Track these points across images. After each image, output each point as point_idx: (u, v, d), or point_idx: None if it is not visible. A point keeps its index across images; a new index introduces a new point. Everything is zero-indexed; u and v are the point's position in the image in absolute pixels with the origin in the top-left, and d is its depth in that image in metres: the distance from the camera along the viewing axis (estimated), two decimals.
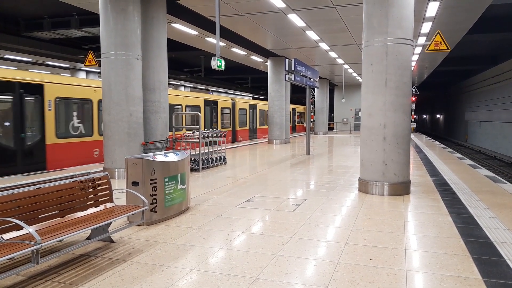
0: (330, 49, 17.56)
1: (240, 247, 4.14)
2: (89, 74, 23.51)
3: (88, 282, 3.27)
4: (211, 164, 10.32)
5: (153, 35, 9.58)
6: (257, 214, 5.52)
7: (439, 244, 4.19)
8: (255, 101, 25.70)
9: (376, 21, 6.64)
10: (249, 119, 24.22)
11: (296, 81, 12.42)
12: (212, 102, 19.57)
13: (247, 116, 23.77)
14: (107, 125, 8.49)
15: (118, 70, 8.32)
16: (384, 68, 6.62)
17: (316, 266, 3.61)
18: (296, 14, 11.53)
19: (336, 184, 7.94)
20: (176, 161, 5.30)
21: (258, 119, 25.70)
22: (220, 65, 8.08)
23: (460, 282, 3.27)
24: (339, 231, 4.72)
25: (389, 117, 6.66)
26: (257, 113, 25.55)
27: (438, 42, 7.70)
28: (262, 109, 26.28)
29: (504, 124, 25.13)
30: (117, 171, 8.45)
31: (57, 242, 4.16)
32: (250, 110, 24.25)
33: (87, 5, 10.55)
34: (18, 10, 13.72)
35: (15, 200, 3.38)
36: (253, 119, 24.81)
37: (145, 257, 3.85)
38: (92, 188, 4.26)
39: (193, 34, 13.75)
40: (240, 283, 3.26)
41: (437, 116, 60.28)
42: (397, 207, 5.93)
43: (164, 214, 5.12)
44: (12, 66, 20.88)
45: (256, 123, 25.34)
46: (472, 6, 10.69)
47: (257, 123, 25.47)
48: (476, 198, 6.50)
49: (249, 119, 24.22)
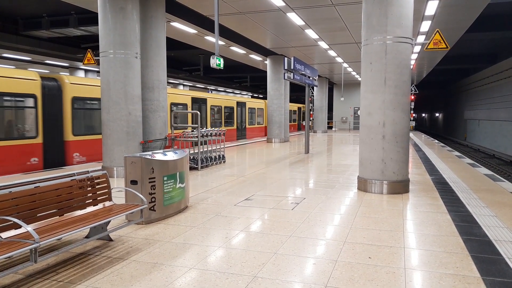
0: (329, 48, 17.55)
1: (239, 246, 4.13)
2: (87, 73, 23.50)
3: (87, 281, 3.27)
4: (210, 163, 10.32)
5: (152, 33, 9.56)
6: (256, 212, 5.52)
7: (438, 242, 4.20)
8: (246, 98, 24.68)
9: (375, 19, 6.63)
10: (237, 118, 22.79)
11: (295, 80, 12.41)
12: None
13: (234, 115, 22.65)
14: (106, 124, 8.47)
15: (117, 69, 8.30)
16: (383, 67, 6.61)
17: (315, 265, 3.61)
18: (295, 12, 11.52)
19: (335, 183, 7.94)
20: (175, 159, 5.29)
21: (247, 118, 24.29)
22: (219, 63, 8.07)
23: (459, 280, 3.27)
24: (338, 229, 4.72)
25: (388, 116, 6.66)
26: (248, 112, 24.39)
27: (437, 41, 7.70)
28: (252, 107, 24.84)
29: (503, 123, 25.15)
30: (116, 169, 8.44)
31: (56, 241, 4.15)
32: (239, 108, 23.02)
33: (86, 3, 10.52)
34: (17, 8, 13.69)
35: (14, 198, 3.37)
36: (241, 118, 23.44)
37: (144, 255, 3.85)
38: (90, 186, 4.25)
39: (192, 32, 13.73)
40: (239, 281, 3.26)
41: (436, 114, 60.34)
42: (396, 205, 5.93)
43: (163, 213, 5.12)
44: (11, 65, 20.86)
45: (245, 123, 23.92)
46: (471, 4, 10.68)
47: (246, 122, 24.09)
48: (475, 196, 6.51)
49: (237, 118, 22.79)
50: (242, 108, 23.38)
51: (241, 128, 23.29)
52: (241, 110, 23.33)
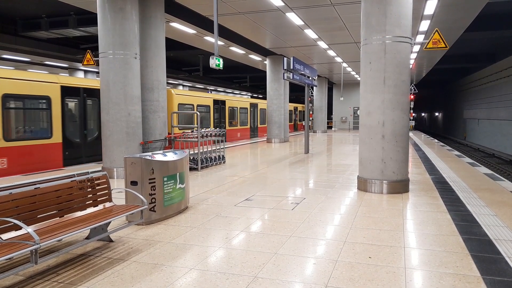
0: (328, 48, 17.55)
1: (239, 246, 4.14)
2: (87, 73, 23.50)
3: (87, 282, 3.27)
4: (210, 163, 10.32)
5: (151, 34, 9.56)
6: (256, 213, 5.52)
7: (438, 242, 4.20)
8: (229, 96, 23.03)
9: (375, 19, 6.63)
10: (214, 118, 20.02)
11: (295, 80, 12.41)
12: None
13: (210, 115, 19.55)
14: (105, 125, 8.47)
15: (116, 70, 8.30)
16: (382, 66, 6.62)
17: (315, 265, 3.61)
18: (294, 12, 11.52)
19: (335, 183, 7.95)
20: (175, 160, 5.29)
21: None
22: (219, 64, 8.07)
23: (459, 279, 3.27)
24: (338, 229, 4.73)
25: (388, 115, 6.66)
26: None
27: (436, 40, 7.71)
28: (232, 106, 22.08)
29: (502, 122, 25.17)
30: (116, 170, 8.44)
31: (56, 242, 4.15)
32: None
33: (85, 4, 10.52)
34: (16, 9, 13.68)
35: (14, 200, 3.37)
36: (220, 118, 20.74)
37: (144, 256, 3.85)
38: (90, 187, 4.25)
39: (191, 33, 13.72)
40: (239, 281, 3.26)
41: (435, 114, 60.36)
42: (396, 205, 5.94)
43: (163, 214, 5.12)
44: (10, 66, 20.84)
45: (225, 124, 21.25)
46: (470, 3, 10.69)
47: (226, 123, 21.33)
48: (475, 195, 6.51)
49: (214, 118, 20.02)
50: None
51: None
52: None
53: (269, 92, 19.39)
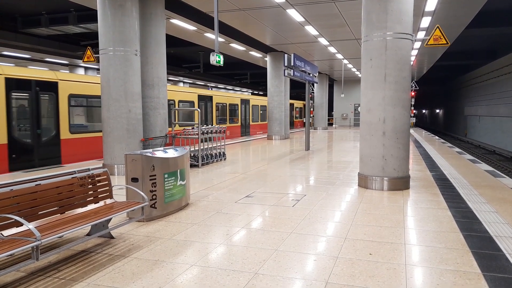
0: (329, 44, 17.51)
1: (240, 243, 4.14)
2: (87, 70, 23.47)
3: (88, 278, 3.28)
4: (210, 160, 10.32)
5: (151, 31, 9.54)
6: (256, 209, 5.53)
7: (438, 239, 4.20)
8: None
9: (375, 15, 6.61)
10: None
11: (295, 76, 12.40)
12: None
13: None
14: (106, 122, 8.46)
15: (116, 66, 8.29)
16: (383, 63, 6.60)
17: (316, 261, 3.62)
18: (295, 9, 11.49)
19: (335, 179, 7.95)
20: (175, 157, 5.29)
21: None
22: (219, 60, 8.06)
23: (460, 276, 3.28)
24: (338, 226, 4.73)
25: (389, 112, 6.65)
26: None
27: (437, 37, 7.66)
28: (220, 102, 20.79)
29: (503, 119, 25.13)
30: (117, 167, 8.44)
31: (57, 239, 4.16)
32: None
33: (85, 1, 10.48)
34: (16, 6, 13.64)
35: (15, 196, 3.37)
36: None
37: (145, 253, 3.86)
38: (91, 184, 4.25)
39: (191, 29, 13.69)
40: (240, 278, 3.27)
41: (436, 111, 60.28)
42: (397, 201, 5.94)
43: (164, 210, 5.12)
44: (11, 62, 20.83)
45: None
46: (471, 0, 10.65)
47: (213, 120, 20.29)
48: (476, 192, 6.51)
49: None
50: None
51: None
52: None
53: (270, 89, 19.36)
